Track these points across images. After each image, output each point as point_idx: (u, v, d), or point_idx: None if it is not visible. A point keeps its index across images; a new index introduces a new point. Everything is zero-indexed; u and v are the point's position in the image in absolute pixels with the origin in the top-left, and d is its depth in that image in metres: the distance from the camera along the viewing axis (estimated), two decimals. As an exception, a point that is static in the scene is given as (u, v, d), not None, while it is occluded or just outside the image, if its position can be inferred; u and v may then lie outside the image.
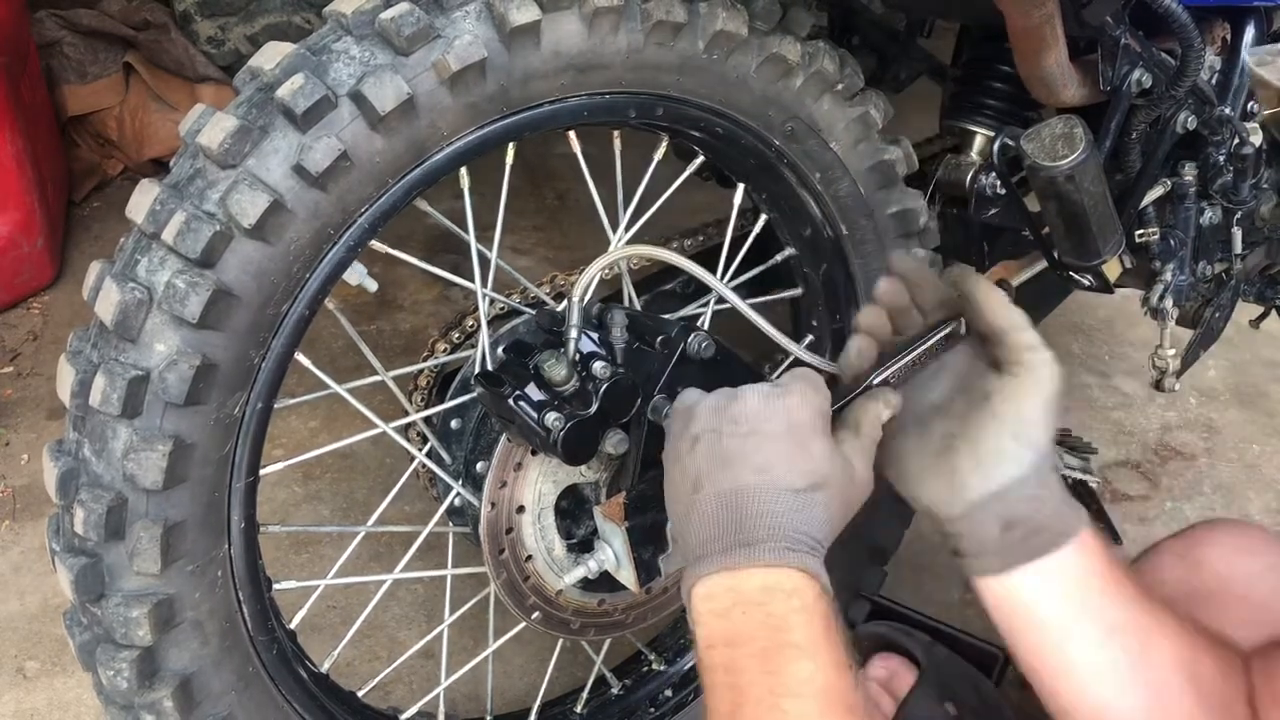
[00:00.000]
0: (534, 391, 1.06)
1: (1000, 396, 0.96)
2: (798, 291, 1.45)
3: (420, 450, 1.23)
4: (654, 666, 1.50)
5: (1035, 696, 1.00)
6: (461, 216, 1.13)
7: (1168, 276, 1.47)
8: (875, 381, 1.05)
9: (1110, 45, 1.25)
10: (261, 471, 1.07)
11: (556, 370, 1.05)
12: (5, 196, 2.40)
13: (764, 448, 0.92)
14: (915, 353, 1.06)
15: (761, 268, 1.39)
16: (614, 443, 1.12)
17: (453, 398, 1.21)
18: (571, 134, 1.17)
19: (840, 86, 1.25)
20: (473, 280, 1.16)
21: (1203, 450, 2.25)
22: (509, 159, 1.13)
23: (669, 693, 1.49)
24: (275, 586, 1.14)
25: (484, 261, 1.17)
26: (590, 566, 1.17)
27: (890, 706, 1.45)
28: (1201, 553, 1.18)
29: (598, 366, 1.08)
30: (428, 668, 1.63)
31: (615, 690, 1.48)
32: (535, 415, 1.05)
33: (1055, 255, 1.34)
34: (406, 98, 0.95)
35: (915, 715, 1.42)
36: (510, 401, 1.06)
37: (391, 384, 1.20)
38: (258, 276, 0.95)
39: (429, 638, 1.30)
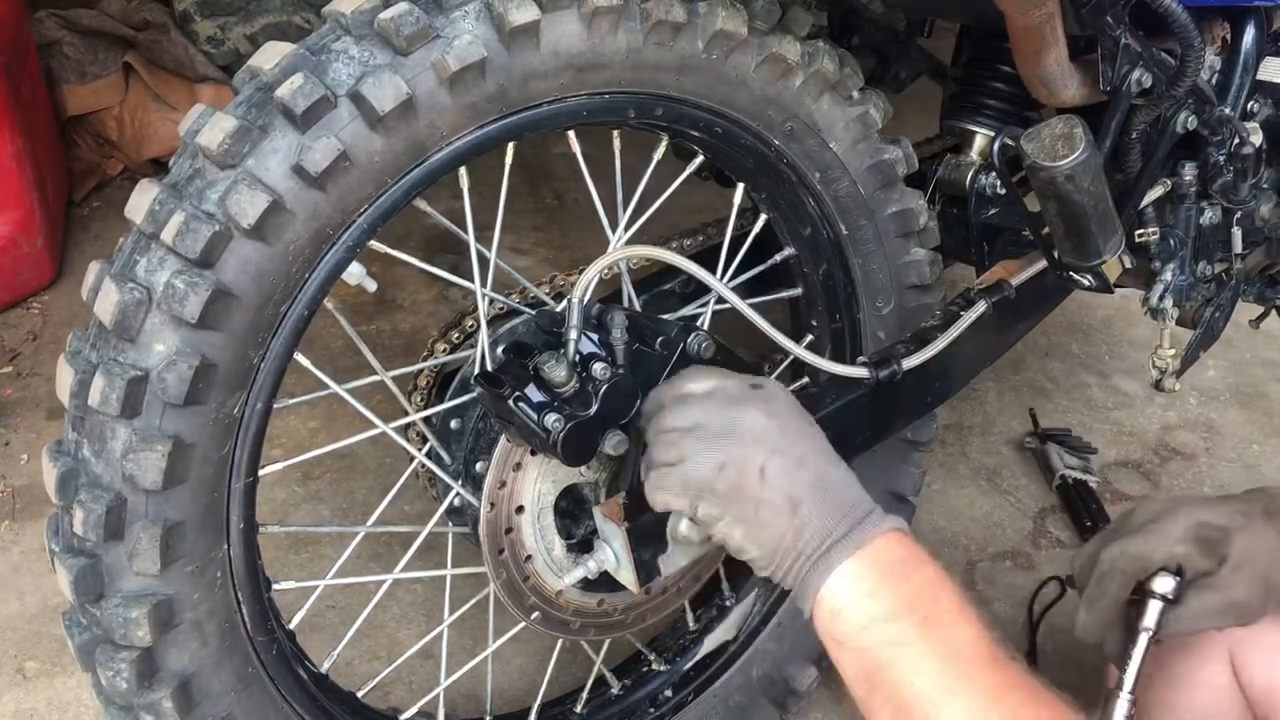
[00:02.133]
0: (534, 392, 1.06)
1: None
2: (797, 291, 1.45)
3: (420, 450, 1.23)
4: (654, 666, 1.50)
5: None
6: (460, 216, 1.13)
7: (1167, 276, 1.46)
8: None
9: (1110, 45, 1.24)
10: (261, 472, 1.07)
11: (556, 371, 1.05)
12: (5, 196, 2.40)
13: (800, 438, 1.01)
14: None
15: (761, 268, 1.39)
16: (613, 444, 1.12)
17: (452, 398, 1.21)
18: (571, 134, 1.17)
19: (840, 86, 1.25)
20: (472, 280, 1.16)
21: (1203, 450, 2.25)
22: (508, 159, 1.13)
23: (669, 693, 1.49)
24: (275, 587, 1.14)
25: (483, 261, 1.16)
26: (590, 567, 1.17)
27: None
28: (1244, 658, 1.15)
29: (597, 367, 1.07)
30: (427, 668, 1.63)
31: (615, 690, 1.48)
32: (535, 416, 1.05)
33: (1055, 255, 1.34)
34: (406, 98, 0.95)
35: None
36: (510, 402, 1.06)
37: (391, 384, 1.19)
38: (257, 277, 0.95)
39: (428, 638, 1.30)
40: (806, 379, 1.35)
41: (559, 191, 3.12)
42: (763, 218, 1.37)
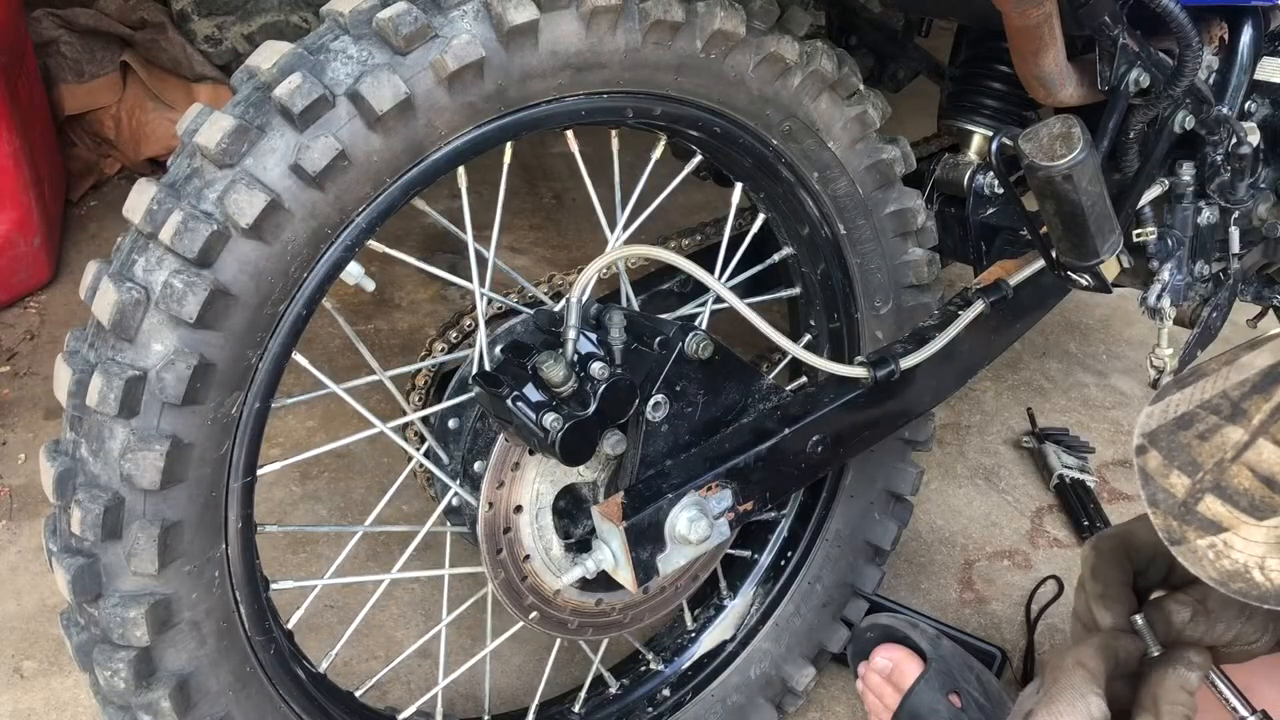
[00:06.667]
0: (532, 392, 1.06)
1: None
2: (795, 291, 1.45)
3: (418, 450, 1.23)
4: (651, 666, 1.50)
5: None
6: (459, 216, 1.13)
7: (1165, 276, 1.47)
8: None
9: (1108, 45, 1.25)
10: (259, 471, 1.06)
11: (554, 371, 1.05)
12: (2, 195, 2.40)
13: None
14: None
15: (759, 267, 1.39)
16: (612, 443, 1.12)
17: (450, 397, 1.21)
18: (569, 133, 1.17)
19: (838, 86, 1.25)
20: (470, 280, 1.16)
21: (1200, 449, 2.25)
22: (506, 158, 1.13)
23: (666, 692, 1.49)
24: (273, 586, 1.13)
25: (481, 261, 1.16)
26: (588, 566, 1.17)
27: (893, 698, 1.45)
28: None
29: (596, 367, 1.08)
30: (425, 667, 1.63)
31: (613, 689, 1.48)
32: (533, 416, 1.05)
33: (1053, 255, 1.34)
34: (404, 97, 0.95)
35: (919, 706, 1.42)
36: (508, 402, 1.06)
37: (389, 384, 1.19)
38: (255, 276, 0.95)
39: (427, 637, 1.30)
40: (805, 378, 1.35)
41: (557, 191, 3.12)
42: (761, 217, 1.37)
